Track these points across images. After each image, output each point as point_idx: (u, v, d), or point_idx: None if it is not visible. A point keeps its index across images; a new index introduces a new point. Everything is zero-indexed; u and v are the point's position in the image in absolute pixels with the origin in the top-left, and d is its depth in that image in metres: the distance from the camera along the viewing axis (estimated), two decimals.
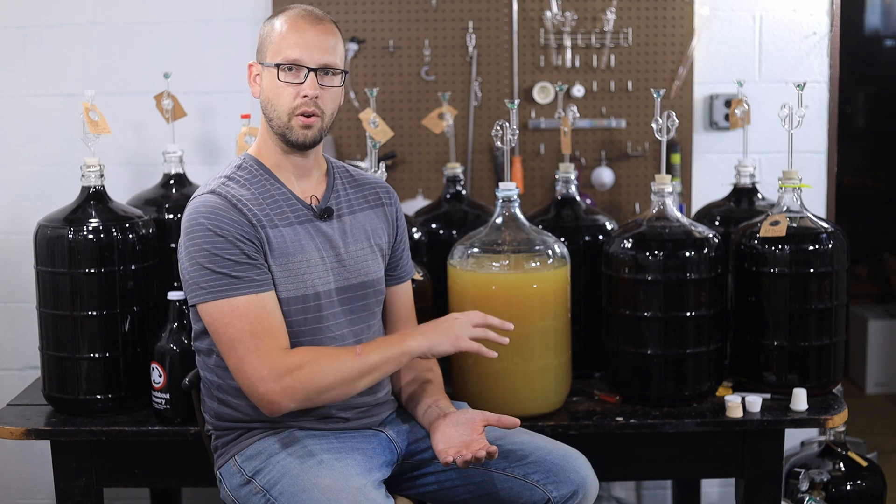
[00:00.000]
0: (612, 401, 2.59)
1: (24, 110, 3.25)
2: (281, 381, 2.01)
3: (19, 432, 2.47)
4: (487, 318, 2.14)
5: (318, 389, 2.04)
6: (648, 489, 3.47)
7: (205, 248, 2.04)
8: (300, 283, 2.11)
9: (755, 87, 3.24)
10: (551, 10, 3.20)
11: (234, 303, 2.03)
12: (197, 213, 2.07)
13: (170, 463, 2.55)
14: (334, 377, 2.04)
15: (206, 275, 2.04)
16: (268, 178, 2.16)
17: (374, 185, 2.31)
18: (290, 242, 2.12)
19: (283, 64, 2.09)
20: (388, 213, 2.31)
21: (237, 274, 2.03)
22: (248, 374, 2.02)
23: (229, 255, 2.04)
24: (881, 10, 5.66)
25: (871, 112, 5.70)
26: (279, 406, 2.03)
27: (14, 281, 3.29)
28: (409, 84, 3.25)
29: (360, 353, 2.06)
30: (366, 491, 2.03)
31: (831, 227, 2.59)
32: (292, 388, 2.01)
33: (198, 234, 2.05)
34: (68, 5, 3.21)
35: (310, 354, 2.05)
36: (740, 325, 2.65)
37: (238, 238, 2.05)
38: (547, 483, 2.17)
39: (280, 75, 2.10)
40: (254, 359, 2.02)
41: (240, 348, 2.03)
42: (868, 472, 3.00)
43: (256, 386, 2.02)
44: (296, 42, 2.10)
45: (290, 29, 2.11)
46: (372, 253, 2.24)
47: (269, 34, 2.14)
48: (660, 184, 2.55)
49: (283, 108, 2.11)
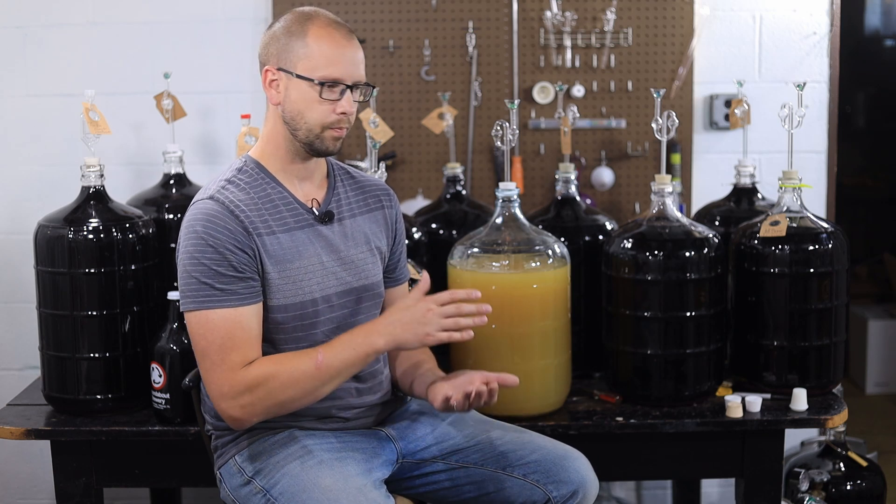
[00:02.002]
0: (612, 401, 2.59)
1: (24, 110, 3.25)
2: (240, 398, 2.02)
3: (19, 432, 2.47)
4: (460, 307, 2.05)
5: (279, 404, 2.05)
6: (648, 489, 3.47)
7: (195, 257, 2.04)
8: (298, 289, 2.11)
9: (755, 87, 3.24)
10: (551, 10, 3.20)
11: (209, 315, 2.03)
12: (194, 219, 2.07)
13: (170, 463, 2.55)
14: (294, 391, 2.04)
15: (192, 283, 2.04)
16: (269, 182, 2.15)
17: (374, 187, 2.31)
18: (288, 249, 2.11)
19: (326, 82, 2.07)
20: (388, 216, 2.30)
21: (219, 286, 2.03)
22: (212, 388, 2.05)
23: (215, 266, 2.03)
24: (881, 10, 5.66)
25: (871, 112, 5.70)
26: (240, 422, 2.05)
27: (14, 281, 3.29)
28: (409, 84, 3.25)
29: (321, 362, 2.03)
30: (366, 491, 2.03)
31: (831, 227, 2.59)
32: (251, 405, 2.03)
33: (191, 241, 2.05)
34: (68, 5, 3.21)
35: (269, 368, 2.03)
36: (740, 325, 2.65)
37: (228, 249, 2.04)
38: (547, 483, 2.17)
39: (323, 93, 2.07)
40: (217, 374, 2.03)
41: (206, 361, 2.05)
42: (868, 472, 3.00)
43: (218, 401, 2.04)
44: (336, 59, 2.07)
45: (327, 44, 2.08)
46: (372, 256, 2.24)
47: (295, 43, 2.09)
48: (660, 184, 2.55)
49: (315, 122, 2.10)
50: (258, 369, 2.03)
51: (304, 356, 2.05)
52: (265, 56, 2.14)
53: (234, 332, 2.03)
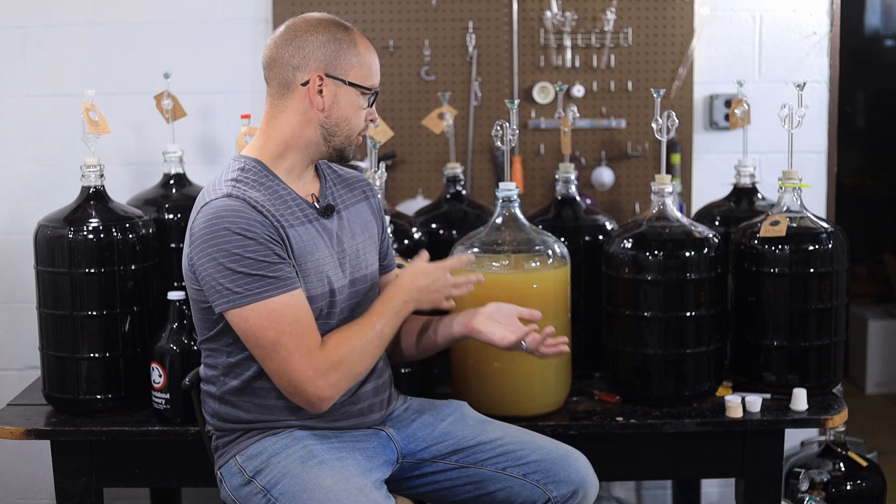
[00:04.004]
0: (612, 401, 2.59)
1: (24, 110, 3.25)
2: (327, 377, 2.04)
3: (19, 432, 2.47)
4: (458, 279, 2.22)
5: (357, 375, 2.12)
6: (648, 489, 3.47)
7: (235, 253, 2.01)
8: (318, 280, 2.12)
9: (755, 87, 3.24)
10: (551, 10, 3.20)
11: (271, 304, 2.01)
12: (218, 217, 2.03)
13: (170, 463, 2.55)
14: (368, 360, 2.12)
15: (241, 278, 2.01)
16: (272, 179, 2.15)
17: (356, 179, 2.33)
18: (307, 242, 2.11)
19: (371, 89, 2.16)
20: (373, 205, 2.33)
21: (273, 274, 2.02)
22: (293, 376, 2.03)
23: (262, 257, 2.02)
24: (881, 10, 5.66)
25: (871, 112, 5.70)
26: (329, 402, 2.08)
27: (14, 281, 3.29)
28: (409, 84, 3.25)
29: (380, 329, 2.13)
30: (367, 491, 2.03)
31: (831, 227, 2.59)
32: (339, 381, 2.07)
33: (224, 238, 2.01)
34: (68, 5, 3.21)
35: (345, 344, 2.08)
36: (740, 325, 2.65)
37: (267, 238, 2.03)
38: (547, 483, 2.17)
39: (368, 101, 2.16)
40: (297, 360, 2.02)
41: (282, 351, 2.02)
42: (868, 472, 3.00)
43: (305, 386, 2.04)
44: (377, 69, 2.18)
45: (371, 54, 2.16)
46: (370, 245, 2.27)
47: (347, 52, 2.12)
48: (660, 184, 2.55)
49: (356, 128, 2.16)
50: (336, 348, 2.07)
51: (365, 326, 2.13)
52: (305, 61, 2.10)
53: (300, 314, 2.04)
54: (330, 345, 2.07)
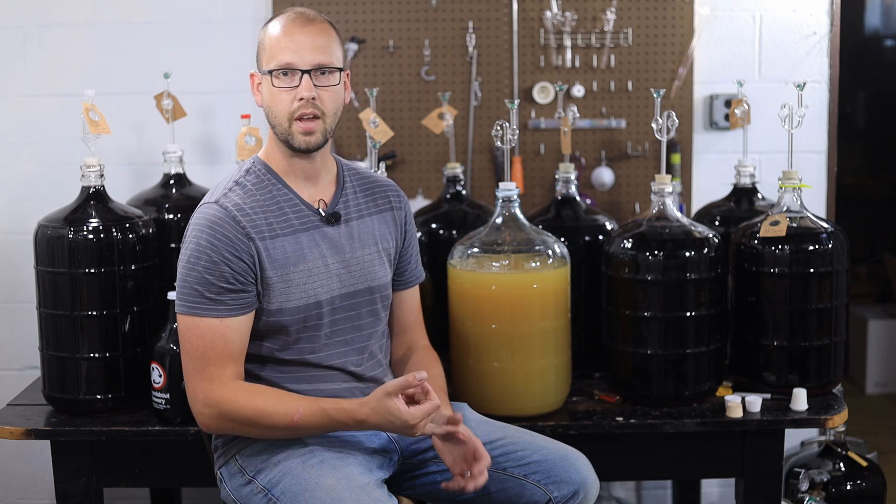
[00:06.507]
0: (612, 401, 2.59)
1: (24, 110, 3.25)
2: (210, 413, 2.09)
3: (19, 432, 2.47)
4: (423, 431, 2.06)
5: (243, 434, 2.13)
6: (648, 489, 3.47)
7: (191, 262, 2.07)
8: (301, 292, 2.12)
9: (755, 87, 3.24)
10: (551, 10, 3.20)
11: (197, 322, 2.07)
12: (197, 224, 2.10)
13: (170, 463, 2.55)
14: (260, 434, 2.11)
15: (185, 288, 2.08)
16: (275, 184, 2.15)
17: (385, 188, 2.31)
18: (291, 252, 2.12)
19: (277, 69, 2.09)
20: (397, 217, 2.30)
21: (209, 295, 2.06)
22: (188, 390, 2.13)
23: (208, 275, 2.06)
24: (881, 10, 5.66)
25: (871, 112, 5.70)
26: (207, 429, 2.14)
27: (14, 281, 3.29)
28: (409, 84, 3.25)
29: (296, 422, 2.05)
30: (369, 490, 2.03)
31: (831, 227, 2.59)
32: (219, 426, 2.11)
33: (191, 246, 2.09)
34: (68, 5, 3.21)
35: (247, 409, 2.06)
36: (740, 325, 2.65)
37: (225, 258, 2.06)
38: (548, 483, 2.17)
39: (274, 81, 2.10)
40: (194, 381, 2.09)
41: (188, 364, 2.10)
42: (868, 472, 3.00)
43: (191, 403, 2.12)
44: (287, 45, 2.09)
45: (281, 33, 2.10)
46: (379, 258, 2.24)
47: (263, 41, 2.15)
48: (660, 184, 2.55)
49: (282, 114, 2.11)
50: (237, 405, 2.06)
51: (284, 407, 2.06)
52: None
53: (216, 343, 2.07)
54: (242, 393, 2.07)
